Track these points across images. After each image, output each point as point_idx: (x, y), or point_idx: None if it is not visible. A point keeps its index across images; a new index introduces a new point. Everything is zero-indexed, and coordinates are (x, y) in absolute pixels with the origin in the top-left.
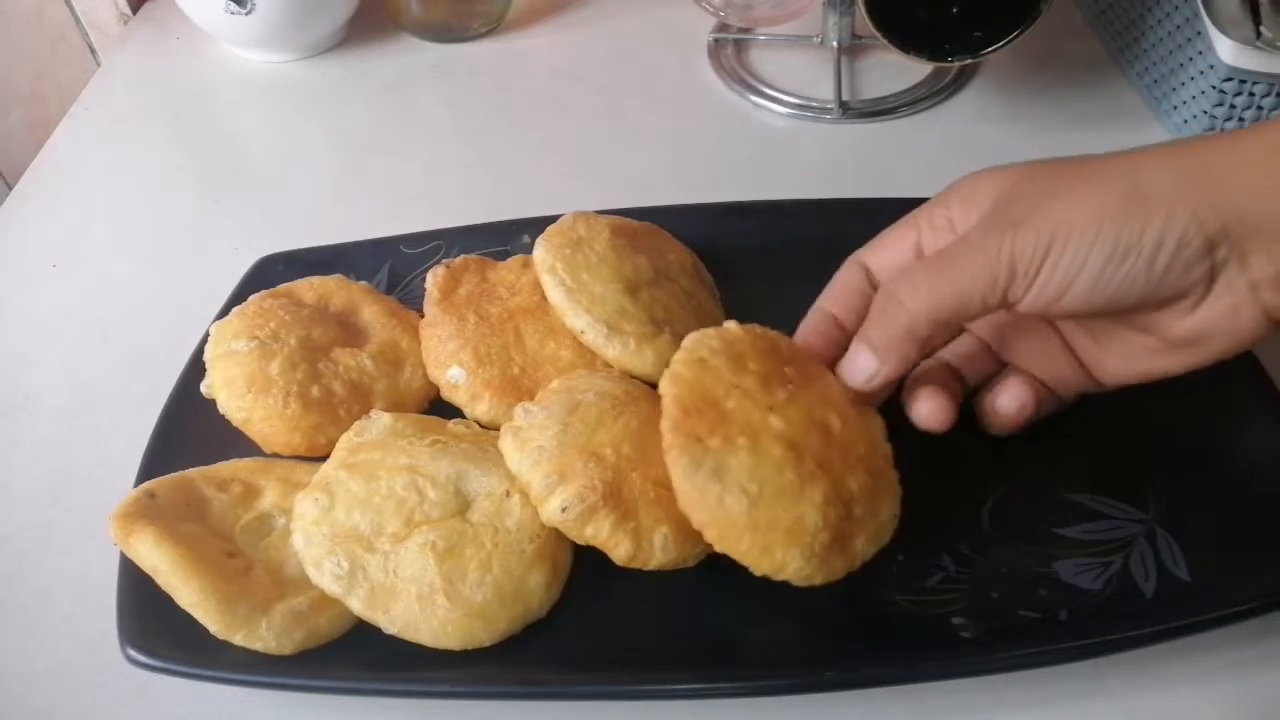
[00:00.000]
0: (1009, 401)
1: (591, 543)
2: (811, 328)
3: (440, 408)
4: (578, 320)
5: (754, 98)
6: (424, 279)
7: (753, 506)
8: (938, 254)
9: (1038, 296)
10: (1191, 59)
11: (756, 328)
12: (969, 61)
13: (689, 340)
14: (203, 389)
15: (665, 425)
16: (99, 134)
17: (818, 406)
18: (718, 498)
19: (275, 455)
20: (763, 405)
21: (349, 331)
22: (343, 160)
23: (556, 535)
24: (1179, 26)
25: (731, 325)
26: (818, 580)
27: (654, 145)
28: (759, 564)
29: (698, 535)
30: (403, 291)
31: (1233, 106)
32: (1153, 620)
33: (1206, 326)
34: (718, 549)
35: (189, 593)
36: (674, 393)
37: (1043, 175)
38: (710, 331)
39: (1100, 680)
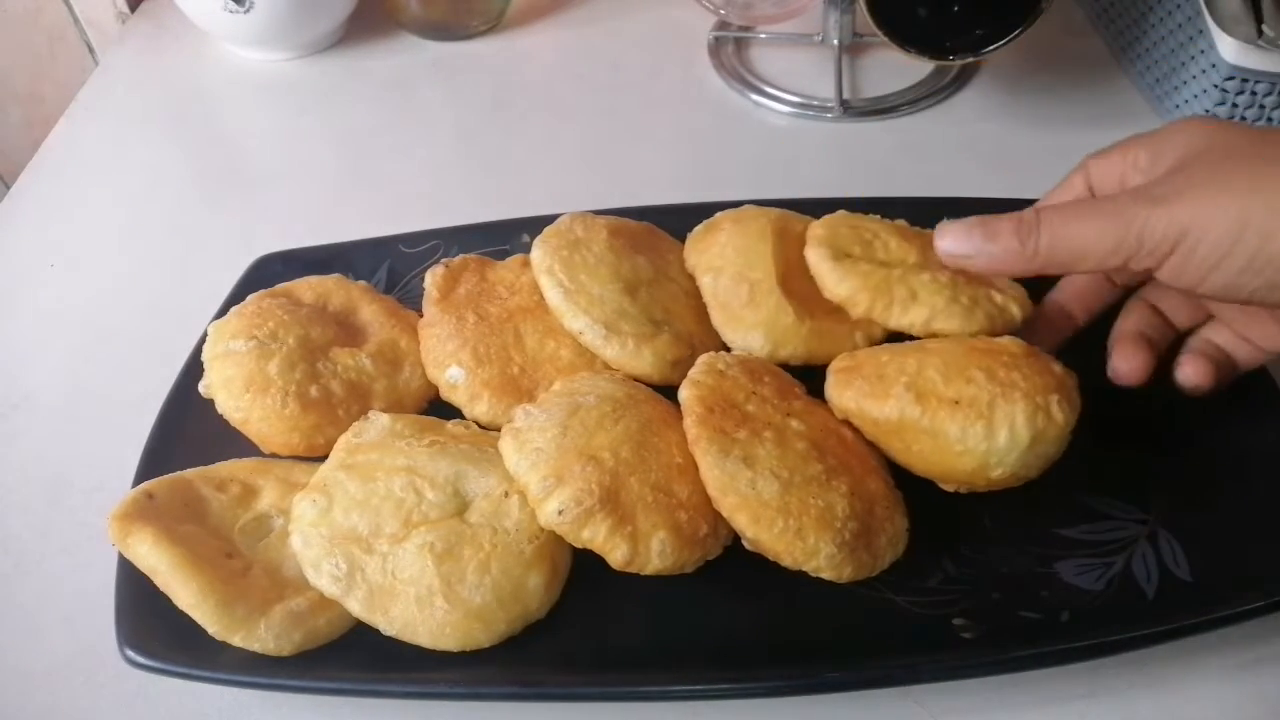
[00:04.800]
0: (1188, 376)
1: (588, 546)
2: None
3: (439, 407)
4: (575, 321)
5: (755, 96)
6: (423, 278)
7: (784, 491)
8: (1093, 201)
9: (1173, 278)
10: (1194, 58)
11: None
12: (970, 60)
13: (704, 357)
14: (201, 389)
15: (689, 421)
16: (97, 133)
17: (830, 419)
18: (750, 482)
19: (274, 455)
20: (781, 410)
21: (348, 331)
22: (341, 159)
23: (556, 536)
24: (1181, 25)
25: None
26: (847, 572)
27: (654, 144)
28: (792, 548)
29: (696, 541)
30: (402, 291)
31: (1234, 105)
32: (1154, 621)
33: None
34: (748, 535)
35: (187, 593)
36: (696, 394)
37: (1223, 148)
38: (724, 353)
39: (1102, 681)
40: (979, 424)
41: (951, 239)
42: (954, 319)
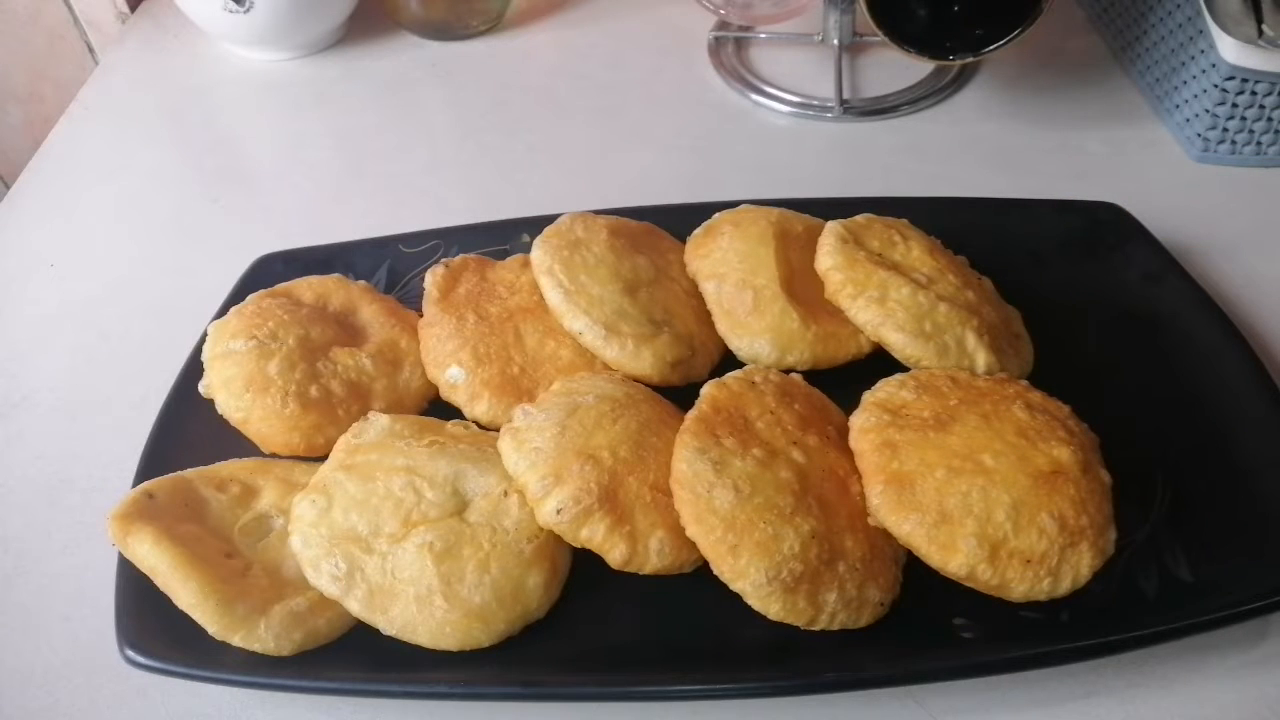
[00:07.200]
0: None
1: (587, 545)
2: None
3: (439, 408)
4: (575, 322)
5: (755, 96)
6: (423, 278)
7: (737, 504)
8: None
9: None
10: (1194, 57)
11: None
12: (970, 60)
13: (753, 366)
14: (201, 389)
15: (690, 415)
16: (97, 133)
17: (844, 467)
18: (708, 485)
19: (274, 455)
20: (789, 438)
21: (348, 331)
22: (341, 159)
23: (555, 535)
24: (1181, 25)
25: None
26: (773, 608)
27: (654, 144)
28: (721, 562)
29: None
30: (402, 291)
31: (1234, 105)
32: (1154, 621)
33: None
34: (689, 533)
35: (187, 593)
36: (712, 393)
37: None
38: (771, 370)
39: (1101, 680)
40: (1046, 580)
41: None
42: (903, 337)
